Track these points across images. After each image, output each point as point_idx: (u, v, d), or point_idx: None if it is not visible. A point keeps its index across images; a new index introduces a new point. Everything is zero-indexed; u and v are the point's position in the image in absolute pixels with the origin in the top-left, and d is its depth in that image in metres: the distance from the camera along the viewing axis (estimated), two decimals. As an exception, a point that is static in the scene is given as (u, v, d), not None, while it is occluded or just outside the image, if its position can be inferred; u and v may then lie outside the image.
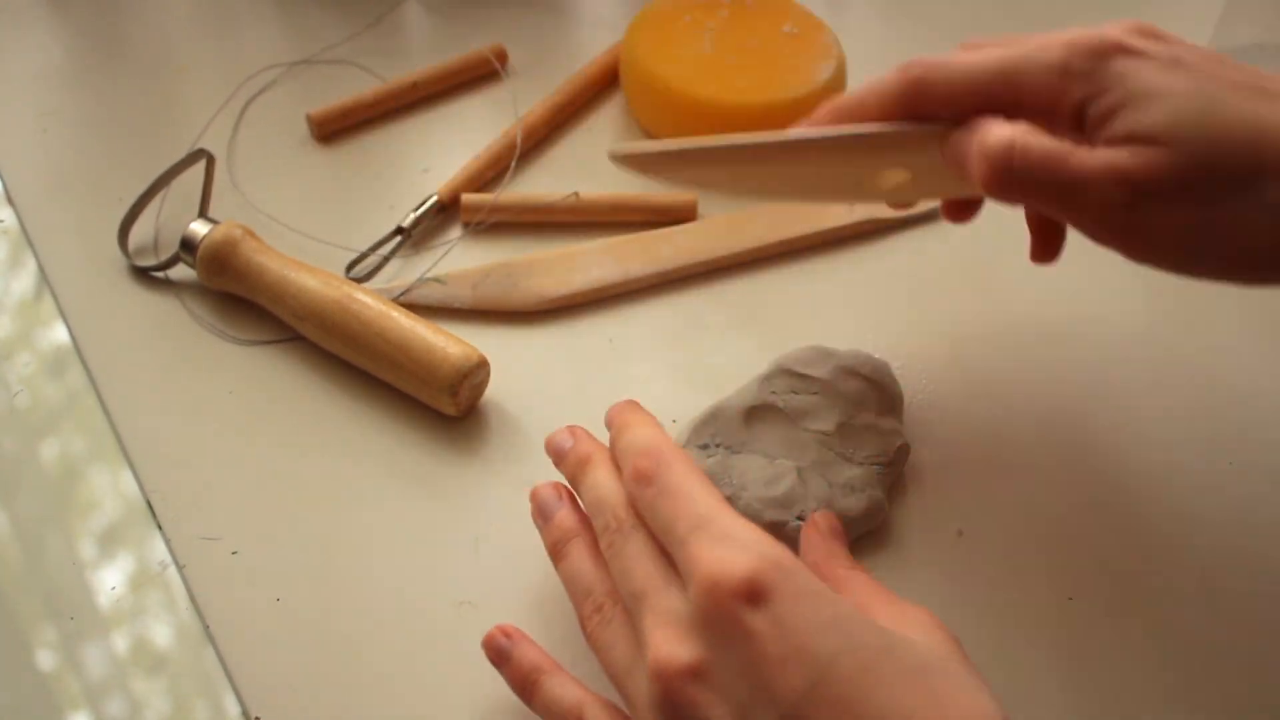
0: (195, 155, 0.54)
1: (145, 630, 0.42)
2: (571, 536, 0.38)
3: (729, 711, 0.31)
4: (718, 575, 0.32)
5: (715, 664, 0.31)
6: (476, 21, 0.65)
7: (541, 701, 0.37)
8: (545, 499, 0.40)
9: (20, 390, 0.48)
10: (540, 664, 0.38)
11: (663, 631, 0.33)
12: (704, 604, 0.32)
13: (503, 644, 0.39)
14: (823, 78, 0.57)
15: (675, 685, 0.32)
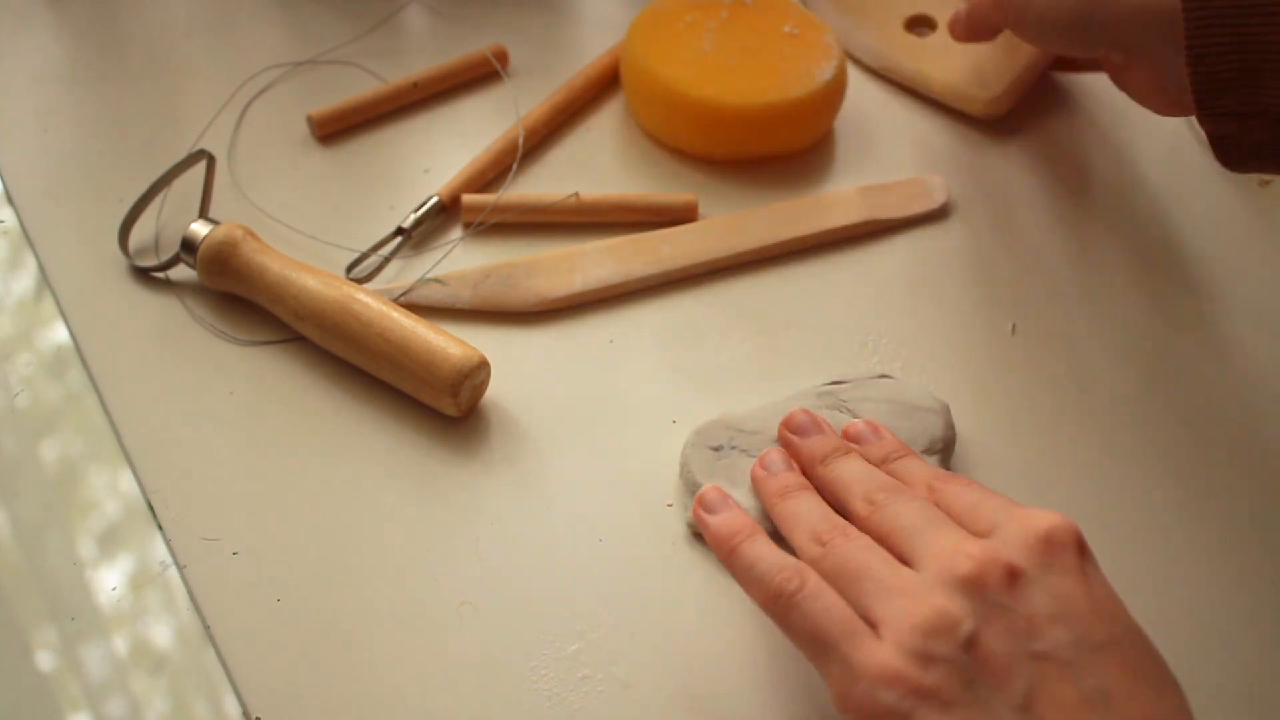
0: (196, 156, 0.54)
1: (145, 631, 0.42)
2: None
3: (1039, 613, 0.33)
4: (1057, 524, 0.35)
5: (1035, 579, 0.34)
6: (477, 22, 0.65)
7: (753, 553, 0.37)
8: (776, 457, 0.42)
9: (20, 390, 0.48)
10: (750, 527, 0.39)
11: (973, 542, 0.35)
12: (1039, 531, 0.35)
13: (714, 497, 0.40)
14: (823, 78, 0.57)
15: (992, 569, 0.34)
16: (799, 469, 0.42)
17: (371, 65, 0.62)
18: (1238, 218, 0.57)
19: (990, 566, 0.34)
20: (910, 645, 0.33)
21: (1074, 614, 0.33)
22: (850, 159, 0.59)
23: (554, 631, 0.41)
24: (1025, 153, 0.60)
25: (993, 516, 0.36)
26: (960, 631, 0.33)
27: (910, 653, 0.33)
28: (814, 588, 0.35)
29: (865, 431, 0.43)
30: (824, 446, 0.42)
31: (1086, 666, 0.33)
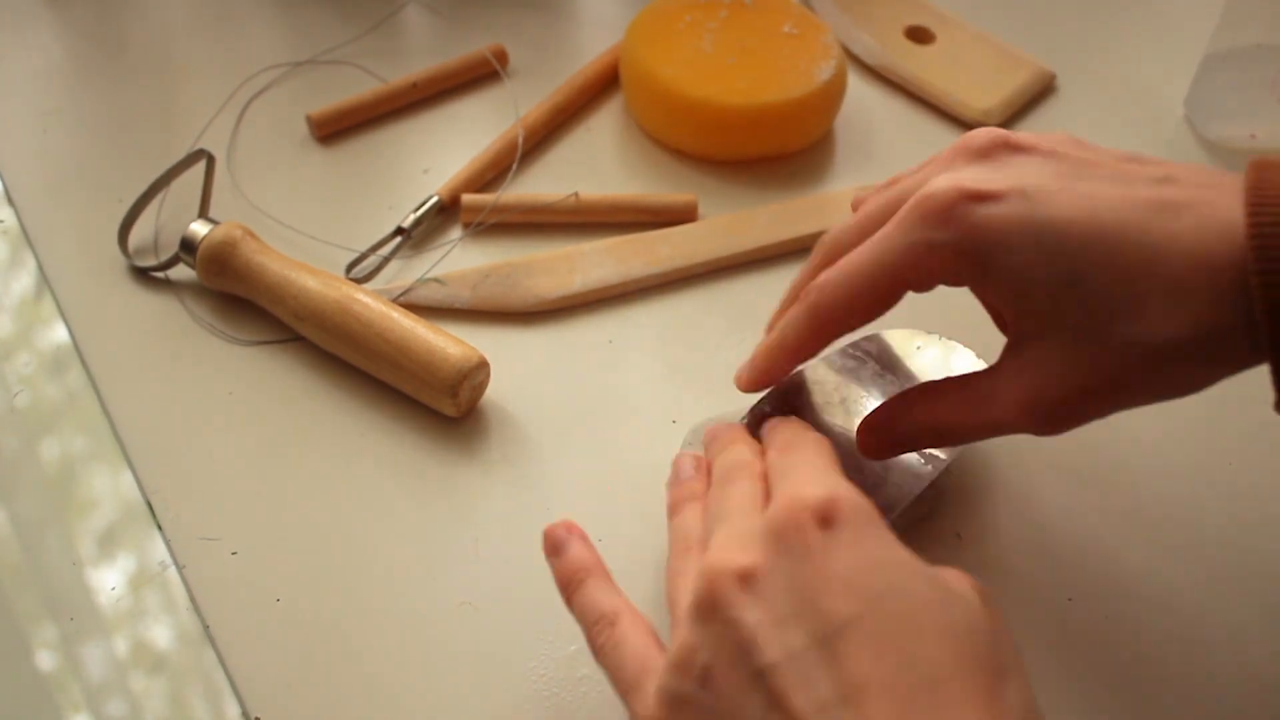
0: (195, 155, 0.54)
1: (145, 631, 0.42)
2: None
3: (764, 619, 0.30)
4: (797, 494, 0.32)
5: (768, 573, 0.31)
6: (476, 22, 0.65)
7: (579, 602, 0.37)
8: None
9: (20, 390, 0.48)
10: (589, 565, 0.37)
11: (726, 538, 0.33)
12: (776, 517, 0.32)
13: (560, 536, 0.38)
14: (823, 78, 0.57)
15: (720, 583, 0.31)
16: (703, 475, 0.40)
17: (371, 65, 0.62)
18: (1237, 218, 0.57)
19: (720, 581, 0.31)
20: (665, 688, 0.32)
21: (812, 600, 0.30)
22: (850, 159, 0.59)
23: (553, 631, 0.41)
24: (1025, 153, 0.60)
25: (777, 488, 0.35)
26: (695, 667, 0.31)
27: (664, 699, 0.32)
28: (613, 638, 0.35)
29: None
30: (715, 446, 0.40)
31: (827, 664, 0.29)
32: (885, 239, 0.36)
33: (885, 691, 0.29)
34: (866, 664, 0.29)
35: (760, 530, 0.32)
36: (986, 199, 0.35)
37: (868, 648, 0.29)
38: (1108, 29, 0.68)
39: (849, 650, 0.29)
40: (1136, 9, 0.70)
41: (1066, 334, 0.35)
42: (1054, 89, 0.64)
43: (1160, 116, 0.62)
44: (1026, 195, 0.34)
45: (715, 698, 0.30)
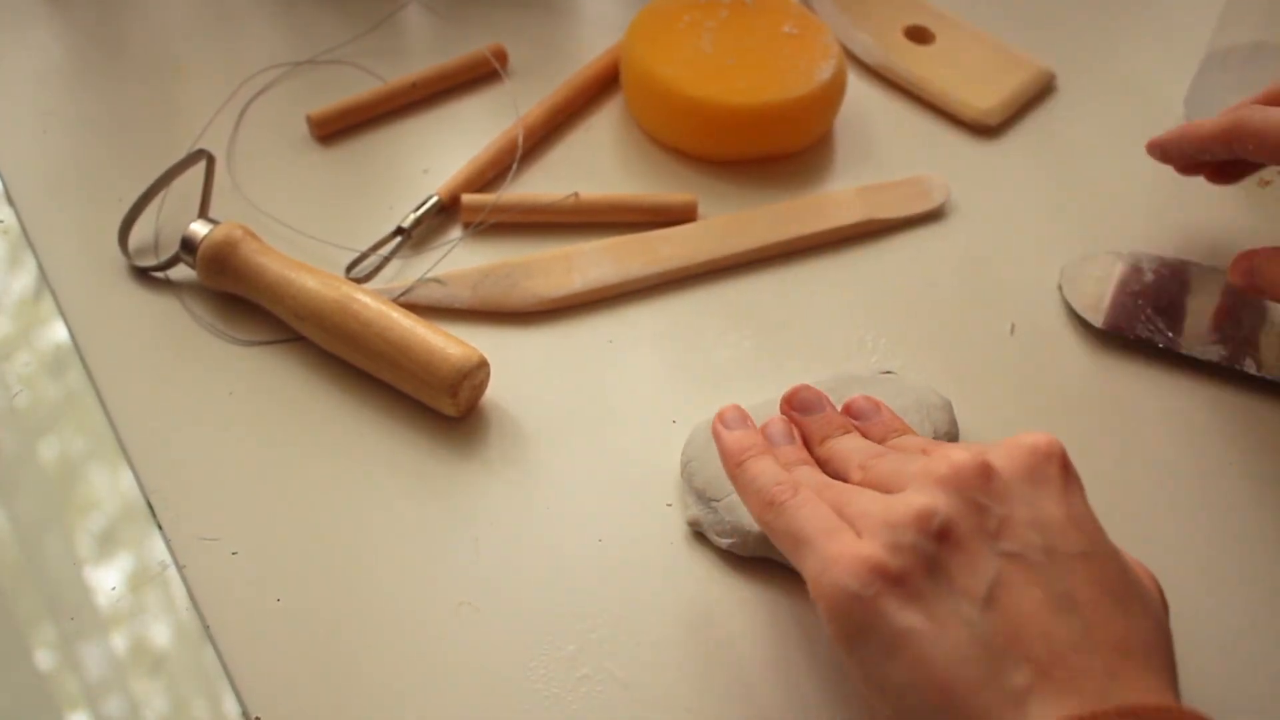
0: (195, 155, 0.54)
1: (145, 630, 0.42)
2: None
3: (1008, 513, 0.34)
4: (1042, 440, 0.35)
5: (1011, 482, 0.34)
6: (476, 21, 0.65)
7: (758, 467, 0.38)
8: (779, 430, 0.42)
9: (20, 390, 0.48)
10: (764, 446, 0.40)
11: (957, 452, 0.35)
12: (1023, 443, 0.35)
13: (737, 415, 0.41)
14: (822, 78, 0.57)
15: (968, 469, 0.34)
16: (799, 441, 0.42)
17: (370, 65, 0.62)
18: (1238, 218, 0.57)
19: (969, 466, 0.34)
20: (884, 537, 0.33)
21: (1048, 522, 0.34)
22: (849, 159, 0.59)
23: (553, 631, 0.41)
24: (1024, 153, 0.60)
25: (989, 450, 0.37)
26: (934, 523, 0.33)
27: (882, 543, 0.33)
28: (806, 496, 0.36)
29: (866, 408, 0.43)
30: (825, 426, 0.42)
31: (1055, 572, 0.33)
32: None
33: (1101, 618, 0.32)
34: (1088, 590, 0.33)
35: (1006, 451, 0.35)
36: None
37: (1092, 580, 0.33)
38: (1108, 29, 0.68)
39: (1076, 571, 0.33)
40: (1136, 9, 0.70)
41: None
42: (1054, 89, 0.64)
43: (1160, 116, 0.62)
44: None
45: (946, 553, 0.33)
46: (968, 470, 0.34)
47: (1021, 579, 0.32)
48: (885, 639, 0.32)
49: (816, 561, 0.34)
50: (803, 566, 0.35)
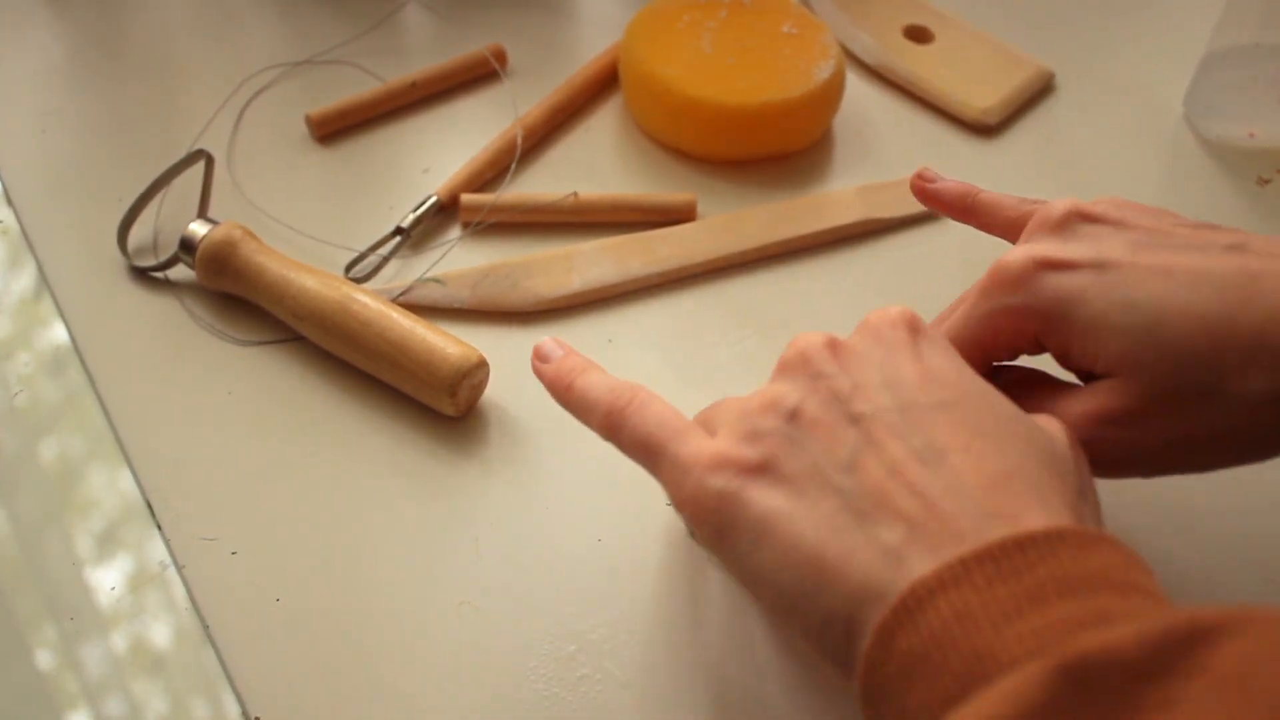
0: (195, 155, 0.54)
1: (144, 630, 0.42)
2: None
3: (857, 381, 0.33)
4: (891, 310, 0.35)
5: (857, 351, 0.34)
6: (476, 21, 0.65)
7: (585, 385, 0.37)
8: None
9: (20, 390, 0.48)
10: (585, 364, 0.38)
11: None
12: (869, 319, 0.35)
13: (550, 347, 0.39)
14: (822, 78, 0.57)
15: (812, 346, 0.34)
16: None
17: (370, 65, 0.62)
18: (1237, 216, 0.57)
19: (813, 343, 0.34)
20: (736, 429, 0.33)
21: (901, 379, 0.33)
22: (849, 159, 0.59)
23: (553, 631, 0.41)
24: (1023, 152, 0.60)
25: None
26: (785, 404, 0.33)
27: (736, 436, 0.33)
28: (644, 397, 0.35)
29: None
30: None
31: (915, 425, 0.32)
32: (965, 309, 0.38)
33: (971, 461, 0.31)
34: (954, 438, 0.31)
35: (853, 332, 0.35)
36: (1061, 267, 0.36)
37: (957, 427, 0.31)
38: (1108, 29, 0.68)
39: (937, 422, 0.32)
40: (1136, 9, 0.70)
41: (1144, 374, 0.35)
42: (1053, 88, 0.64)
43: (1160, 116, 0.62)
44: (1102, 265, 0.36)
45: (802, 431, 0.32)
46: (813, 348, 0.34)
47: (881, 438, 0.31)
48: (752, 527, 0.31)
49: (672, 469, 0.33)
50: (658, 474, 0.34)
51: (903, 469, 0.31)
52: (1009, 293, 0.37)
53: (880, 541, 0.30)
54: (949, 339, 0.38)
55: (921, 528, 0.30)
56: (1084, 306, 0.35)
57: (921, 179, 0.45)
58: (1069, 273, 0.36)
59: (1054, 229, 0.38)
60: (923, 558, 0.29)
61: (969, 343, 0.38)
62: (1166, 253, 0.36)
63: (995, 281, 0.37)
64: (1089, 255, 0.36)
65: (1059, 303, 0.36)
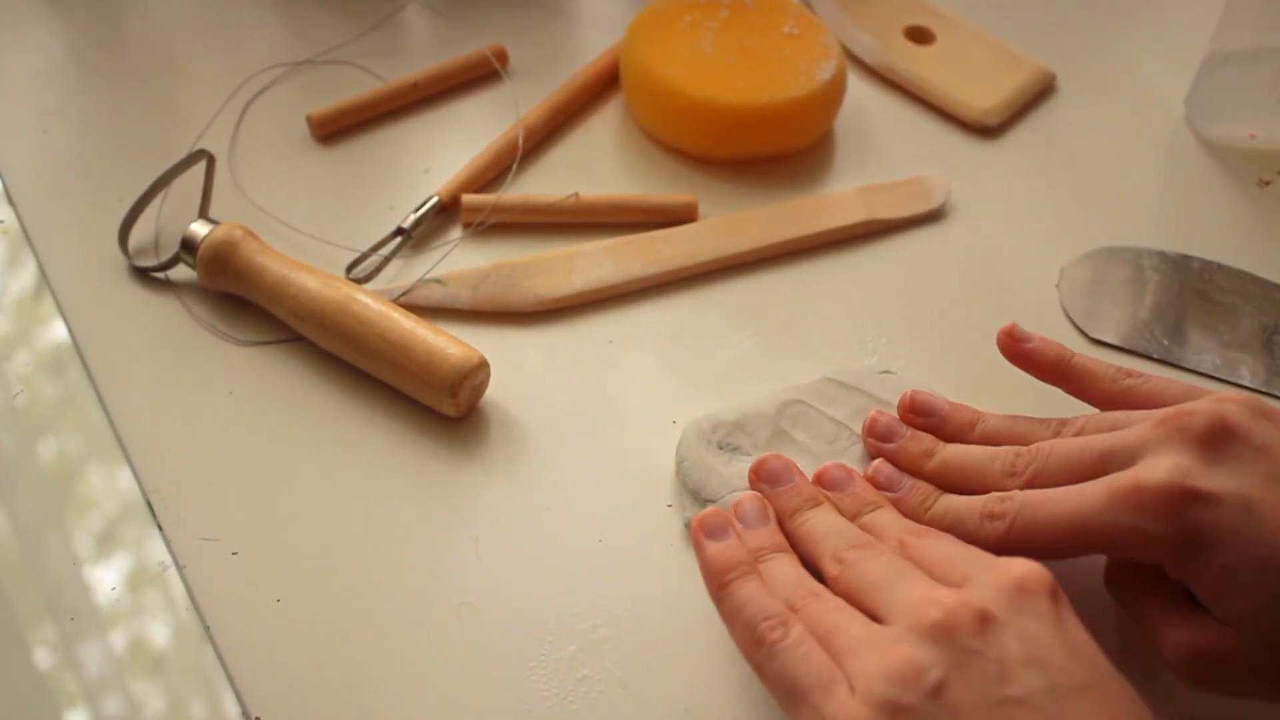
0: (195, 155, 0.54)
1: (144, 630, 0.42)
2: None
3: (1007, 658, 0.32)
4: (1031, 571, 0.34)
5: (1005, 622, 0.33)
6: (476, 22, 0.65)
7: (746, 593, 0.37)
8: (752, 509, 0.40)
9: (20, 390, 0.48)
10: (747, 560, 0.38)
11: (944, 591, 0.34)
12: (1013, 576, 0.34)
13: (716, 523, 0.39)
14: (823, 78, 0.57)
15: (961, 615, 0.33)
16: (774, 519, 0.41)
17: (371, 65, 0.62)
18: (1238, 218, 0.57)
19: (960, 612, 0.33)
20: (878, 694, 0.32)
21: (1047, 658, 0.33)
22: (850, 159, 0.59)
23: (553, 631, 0.41)
24: (1024, 152, 0.60)
25: (965, 568, 0.36)
26: (928, 680, 0.32)
27: (877, 702, 0.32)
28: (796, 637, 0.35)
29: (839, 477, 0.42)
30: (795, 500, 0.41)
31: (1061, 711, 0.32)
32: (1092, 505, 0.37)
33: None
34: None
35: (993, 586, 0.34)
36: (1205, 500, 0.35)
37: (1104, 712, 0.32)
38: (1108, 29, 0.68)
39: (1080, 707, 0.32)
40: (1136, 9, 0.70)
41: (1261, 632, 0.35)
42: (1054, 89, 0.64)
43: (1160, 116, 0.62)
44: (1247, 506, 0.35)
45: (945, 712, 0.32)
46: (960, 618, 0.33)
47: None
48: None
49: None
50: (795, 719, 0.34)
51: None
52: (1147, 517, 0.36)
53: None
54: (1065, 527, 0.37)
55: None
56: (1219, 554, 0.35)
57: (1012, 338, 0.44)
58: (1212, 508, 0.35)
59: (1197, 442, 0.37)
60: None
61: (1087, 540, 0.37)
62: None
63: (1134, 499, 0.36)
64: (1232, 489, 0.36)
65: (1196, 543, 0.35)
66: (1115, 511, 0.36)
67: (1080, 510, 0.37)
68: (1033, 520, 0.38)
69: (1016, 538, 0.38)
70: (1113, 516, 0.36)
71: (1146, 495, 0.36)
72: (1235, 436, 0.37)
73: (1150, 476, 0.36)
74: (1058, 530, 0.37)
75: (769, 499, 0.41)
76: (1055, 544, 0.38)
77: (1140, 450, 0.37)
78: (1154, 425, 0.38)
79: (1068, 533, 0.37)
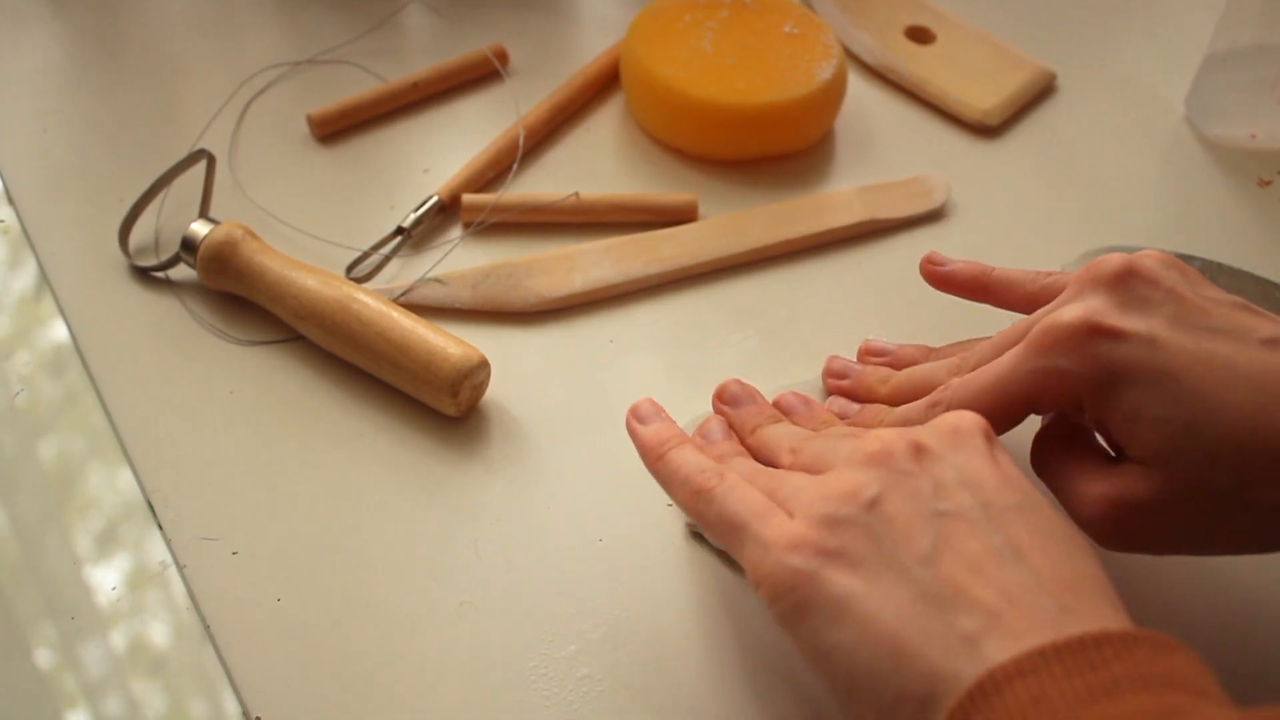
0: (196, 155, 0.54)
1: (145, 630, 0.42)
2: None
3: (938, 479, 0.34)
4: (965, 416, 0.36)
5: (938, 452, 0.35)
6: (476, 21, 0.65)
7: (677, 458, 0.39)
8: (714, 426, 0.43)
9: (20, 390, 0.48)
10: (680, 436, 0.40)
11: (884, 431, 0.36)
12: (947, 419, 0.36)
13: (647, 409, 0.41)
14: (823, 78, 0.57)
15: (896, 445, 0.35)
16: (734, 436, 0.43)
17: (371, 65, 0.62)
18: (1238, 217, 0.57)
19: (897, 442, 0.35)
20: (817, 513, 0.34)
21: (982, 482, 0.34)
22: (850, 159, 0.59)
23: (553, 631, 0.41)
24: (1024, 152, 0.60)
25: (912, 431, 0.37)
26: (865, 495, 0.34)
27: (817, 520, 0.34)
28: (732, 481, 0.37)
29: (795, 403, 0.44)
30: (755, 416, 0.43)
31: (993, 524, 0.33)
32: (1013, 360, 0.38)
33: (1049, 562, 0.32)
34: (1030, 538, 0.33)
35: (931, 430, 0.36)
36: (1114, 336, 0.36)
37: (1032, 529, 0.33)
38: (1108, 29, 0.68)
39: (1015, 523, 0.33)
40: (1136, 9, 0.70)
41: (1172, 469, 0.36)
42: (1054, 89, 0.64)
43: (1160, 116, 0.62)
44: (1152, 342, 0.36)
45: (882, 522, 0.33)
46: (897, 446, 0.35)
47: (961, 534, 0.33)
48: (829, 607, 0.32)
49: (754, 547, 0.34)
50: (740, 553, 0.35)
51: (983, 563, 0.32)
52: (1060, 354, 0.37)
53: (958, 628, 0.31)
54: (992, 389, 0.39)
55: (999, 618, 0.31)
56: (1129, 388, 0.36)
57: (931, 263, 0.46)
58: (1121, 343, 0.36)
59: (1108, 285, 0.38)
60: (1001, 646, 0.30)
61: (1013, 397, 0.38)
62: (1206, 336, 0.36)
63: (1047, 340, 0.37)
64: (1140, 327, 0.36)
65: (1107, 375, 0.36)
66: (1034, 358, 0.37)
67: (1004, 369, 0.38)
68: (964, 392, 0.40)
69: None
70: (1032, 363, 0.38)
71: (1059, 332, 0.37)
72: (1144, 279, 0.38)
73: (1060, 318, 0.37)
74: (989, 395, 0.39)
75: (729, 419, 0.43)
76: (990, 410, 0.38)
77: (1060, 307, 0.39)
78: (1072, 282, 0.39)
79: (997, 395, 0.39)
